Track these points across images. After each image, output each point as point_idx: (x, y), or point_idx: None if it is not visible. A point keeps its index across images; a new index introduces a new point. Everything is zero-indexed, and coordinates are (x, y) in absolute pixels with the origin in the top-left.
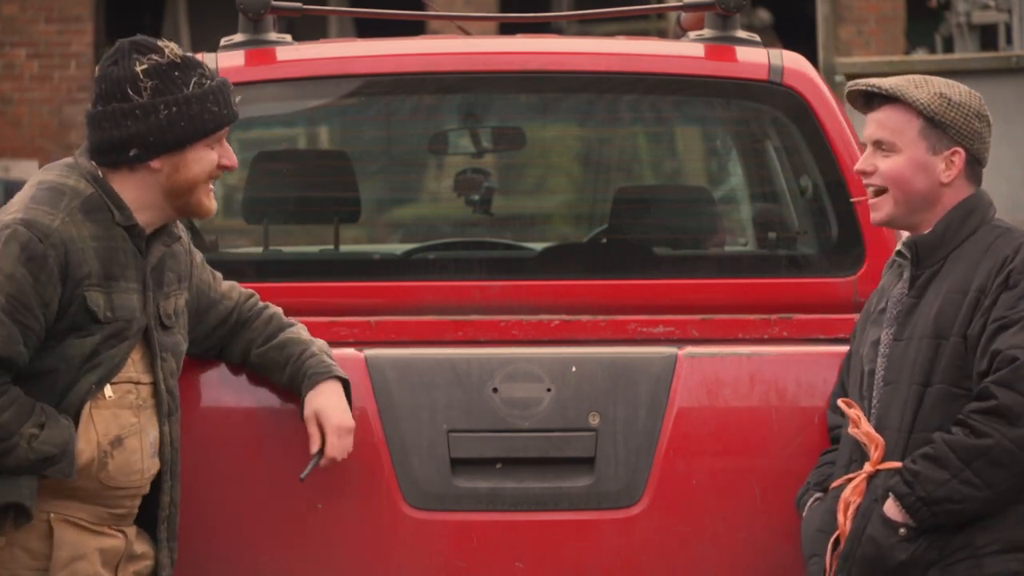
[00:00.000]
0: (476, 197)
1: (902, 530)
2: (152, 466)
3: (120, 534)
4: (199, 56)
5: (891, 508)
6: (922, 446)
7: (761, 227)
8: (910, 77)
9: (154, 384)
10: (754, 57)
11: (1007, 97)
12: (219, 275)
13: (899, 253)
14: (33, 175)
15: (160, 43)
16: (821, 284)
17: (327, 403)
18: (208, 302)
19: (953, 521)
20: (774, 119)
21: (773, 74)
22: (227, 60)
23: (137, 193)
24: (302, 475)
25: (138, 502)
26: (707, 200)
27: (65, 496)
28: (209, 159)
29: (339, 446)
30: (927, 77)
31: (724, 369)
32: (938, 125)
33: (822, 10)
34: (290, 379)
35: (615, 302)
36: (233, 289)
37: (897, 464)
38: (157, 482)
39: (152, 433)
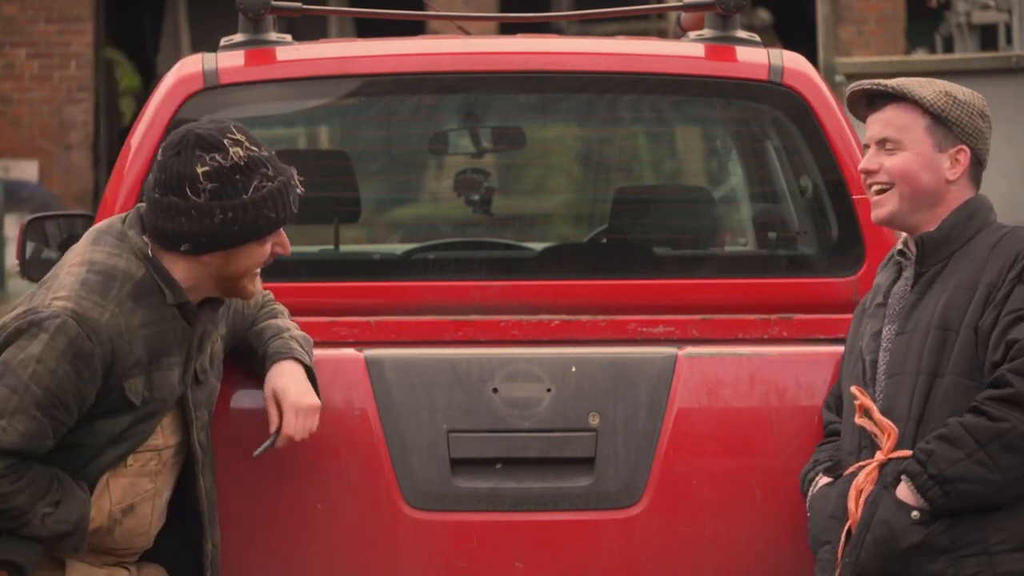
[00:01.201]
0: (476, 197)
1: (915, 513)
2: (159, 523)
3: (126, 570)
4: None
5: (903, 490)
6: None
7: (761, 227)
8: (913, 78)
9: (182, 443)
10: (754, 57)
11: (1007, 97)
12: None
13: (901, 252)
14: (81, 244)
15: (226, 140)
16: (821, 284)
17: (284, 382)
18: (242, 320)
19: (964, 503)
20: (774, 119)
21: (773, 74)
22: (227, 60)
23: (185, 275)
24: (255, 452)
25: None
26: (707, 200)
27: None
28: (260, 253)
29: (297, 425)
30: (931, 79)
31: (724, 369)
32: (944, 122)
33: (822, 10)
34: (260, 362)
35: (615, 302)
36: (259, 295)
37: (909, 453)
38: (197, 529)
39: (166, 493)
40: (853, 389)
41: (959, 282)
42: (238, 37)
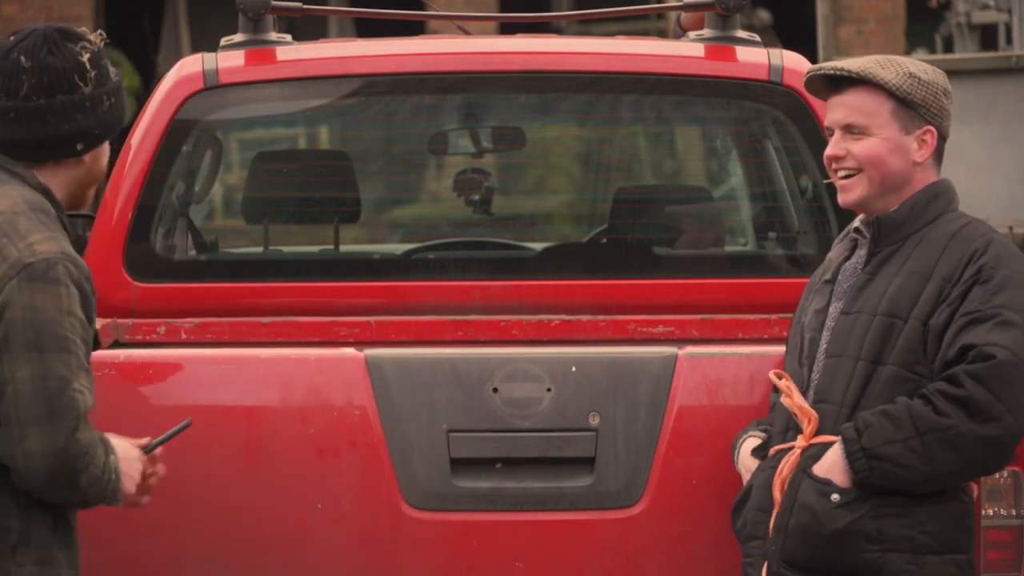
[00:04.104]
0: (476, 197)
1: (835, 496)
2: None
3: None
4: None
5: (831, 456)
6: None
7: (761, 227)
8: (875, 58)
9: None
10: (754, 57)
11: (1007, 97)
12: None
13: (857, 230)
14: None
15: (79, 29)
16: None
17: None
18: None
19: (886, 484)
20: (774, 119)
21: (773, 74)
22: (227, 60)
23: (61, 188)
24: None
25: None
26: (707, 200)
27: None
28: (107, 147)
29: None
30: (891, 57)
31: (724, 369)
32: (909, 105)
33: (822, 10)
34: None
35: (615, 302)
36: None
37: (831, 438)
38: None
39: None
40: (771, 374)
41: (912, 267)
42: (238, 37)
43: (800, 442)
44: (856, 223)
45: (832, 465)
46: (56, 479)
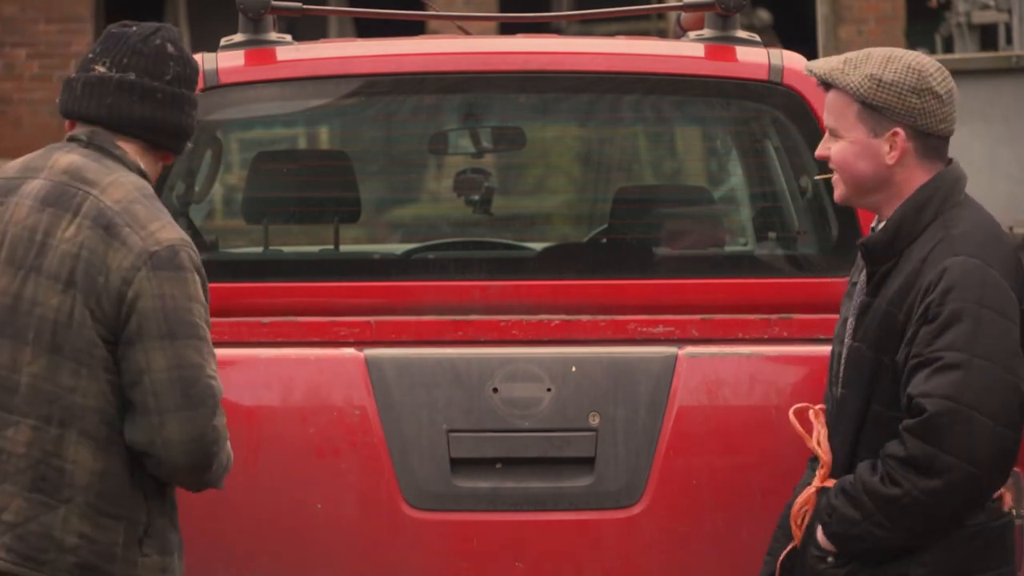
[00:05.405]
0: (476, 197)
1: (830, 558)
2: None
3: None
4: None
5: (818, 533)
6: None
7: (761, 227)
8: (853, 55)
9: None
10: (754, 57)
11: (1007, 97)
12: None
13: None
14: (99, 171)
15: None
16: (821, 284)
17: None
18: None
19: (874, 555)
20: (774, 119)
21: (773, 74)
22: (227, 60)
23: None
24: None
25: None
26: (707, 200)
27: None
28: None
29: None
30: (870, 52)
31: (724, 369)
32: (873, 108)
33: (822, 10)
34: None
35: (615, 302)
36: None
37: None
38: None
39: None
40: (791, 413)
41: (891, 298)
42: (238, 37)
43: (816, 482)
44: (874, 222)
45: (821, 537)
46: (194, 465)
